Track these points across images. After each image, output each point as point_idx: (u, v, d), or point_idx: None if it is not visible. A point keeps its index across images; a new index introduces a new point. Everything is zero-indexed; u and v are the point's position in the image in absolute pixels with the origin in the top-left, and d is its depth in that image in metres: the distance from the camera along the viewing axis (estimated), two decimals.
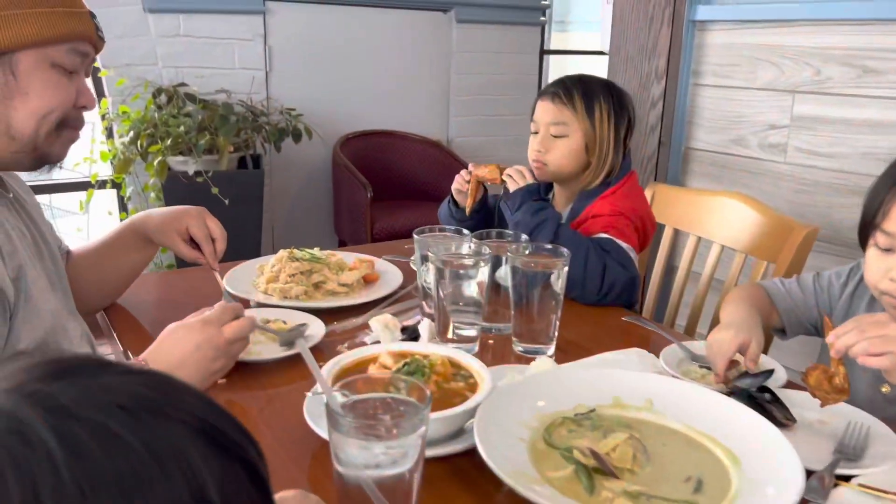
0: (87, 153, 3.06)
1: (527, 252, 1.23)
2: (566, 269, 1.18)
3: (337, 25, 3.68)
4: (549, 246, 1.22)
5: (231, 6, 3.35)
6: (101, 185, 3.10)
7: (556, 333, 1.21)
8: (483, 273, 1.16)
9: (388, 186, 3.76)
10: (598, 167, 1.54)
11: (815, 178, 1.94)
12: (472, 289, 1.16)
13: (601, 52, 6.23)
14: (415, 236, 1.29)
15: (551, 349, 1.21)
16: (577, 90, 1.53)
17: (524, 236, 1.29)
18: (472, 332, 1.19)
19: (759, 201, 1.65)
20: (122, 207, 3.28)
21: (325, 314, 1.31)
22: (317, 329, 1.22)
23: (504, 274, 1.22)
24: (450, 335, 1.18)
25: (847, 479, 0.86)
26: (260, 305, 1.33)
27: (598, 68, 6.56)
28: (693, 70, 2.18)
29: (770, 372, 1.06)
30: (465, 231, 1.31)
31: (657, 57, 2.18)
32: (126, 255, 1.33)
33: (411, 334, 1.17)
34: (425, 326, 1.14)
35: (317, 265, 1.45)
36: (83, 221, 3.34)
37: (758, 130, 2.05)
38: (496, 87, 4.26)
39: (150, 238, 1.31)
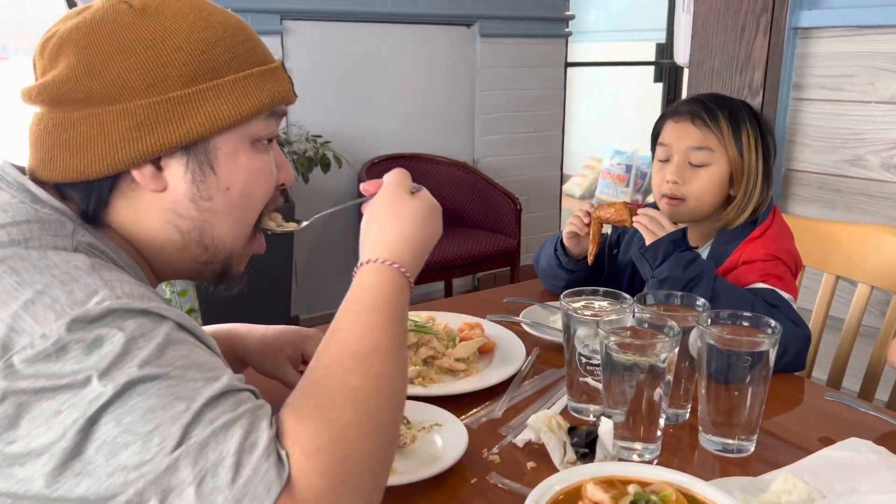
0: None
1: (715, 322, 0.98)
2: (777, 346, 0.94)
3: (356, 43, 3.44)
4: (748, 314, 0.97)
5: None
6: None
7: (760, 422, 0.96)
8: (673, 356, 0.92)
9: None
10: (744, 202, 1.30)
11: None
12: (659, 377, 0.91)
13: (629, 63, 6.08)
14: (562, 303, 1.04)
15: (753, 445, 0.97)
16: (722, 111, 1.29)
17: (701, 300, 1.04)
18: (659, 428, 0.94)
19: None
20: None
21: (443, 401, 1.06)
22: (457, 431, 0.96)
23: (694, 340, 0.97)
24: (633, 436, 0.93)
25: None
26: None
27: (605, 77, 6.35)
28: (794, 83, 1.95)
29: None
30: (625, 295, 1.05)
31: (751, 69, 1.95)
32: None
33: (585, 438, 0.92)
34: (607, 431, 0.88)
35: (424, 336, 1.19)
36: None
37: (881, 149, 1.81)
38: (522, 103, 4.05)
39: (246, 361, 1.03)
